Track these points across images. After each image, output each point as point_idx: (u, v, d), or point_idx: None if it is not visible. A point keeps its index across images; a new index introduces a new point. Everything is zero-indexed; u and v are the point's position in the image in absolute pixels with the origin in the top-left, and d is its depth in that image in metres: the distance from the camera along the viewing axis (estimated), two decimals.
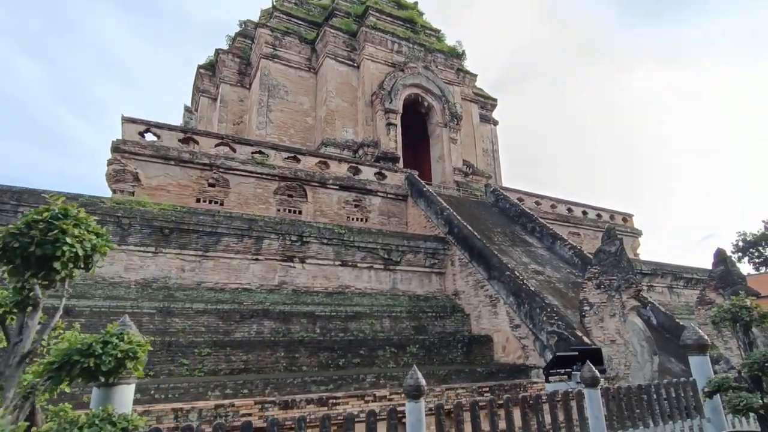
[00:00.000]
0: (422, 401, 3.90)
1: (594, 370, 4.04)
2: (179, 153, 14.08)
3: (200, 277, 11.16)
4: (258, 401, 5.54)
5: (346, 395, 6.08)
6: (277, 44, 24.14)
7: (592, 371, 4.01)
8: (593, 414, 3.85)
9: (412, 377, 3.99)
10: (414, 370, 4.09)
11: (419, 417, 3.83)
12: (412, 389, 3.94)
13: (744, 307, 3.95)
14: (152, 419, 4.74)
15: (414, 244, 14.25)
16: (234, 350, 9.08)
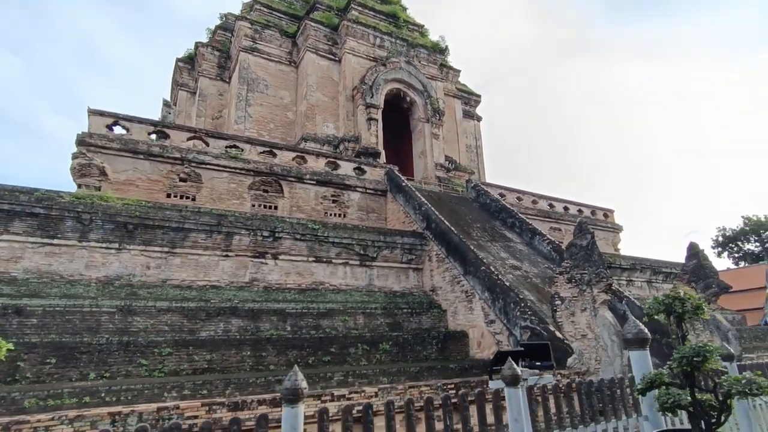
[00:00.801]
0: (300, 406, 3.50)
1: (515, 368, 3.84)
2: (149, 147, 13.67)
3: (166, 275, 10.82)
4: (206, 403, 5.30)
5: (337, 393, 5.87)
6: (257, 37, 23.69)
7: (513, 369, 3.82)
8: (512, 416, 3.65)
9: (291, 379, 3.53)
10: (294, 370, 3.65)
11: (295, 425, 3.38)
12: (289, 392, 3.48)
13: (677, 298, 3.80)
14: (85, 425, 4.46)
15: (391, 239, 14.05)
16: (197, 349, 8.80)
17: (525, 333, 10.25)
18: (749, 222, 45.58)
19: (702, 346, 3.46)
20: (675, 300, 3.80)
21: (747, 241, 46.42)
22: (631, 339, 4.29)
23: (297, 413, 3.52)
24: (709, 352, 3.44)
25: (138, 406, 5.07)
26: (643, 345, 4.29)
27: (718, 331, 11.05)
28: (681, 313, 3.80)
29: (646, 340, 4.32)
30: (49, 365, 7.36)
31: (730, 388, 3.35)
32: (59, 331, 8.22)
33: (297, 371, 3.66)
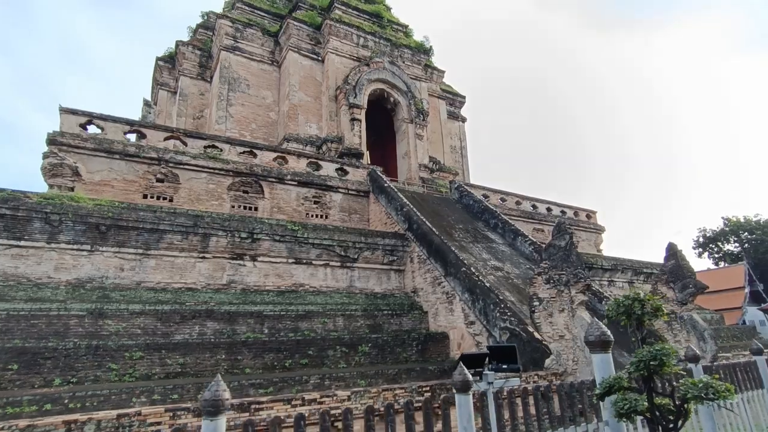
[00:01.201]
0: (221, 419, 3.24)
1: (465, 373, 3.76)
2: (125, 146, 13.36)
3: (141, 277, 10.57)
4: (170, 408, 5.13)
5: (271, 400, 5.72)
6: (239, 36, 23.41)
7: (463, 375, 3.74)
8: (462, 424, 3.57)
9: (212, 389, 3.27)
10: (216, 380, 3.41)
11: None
12: (209, 404, 3.19)
13: (636, 299, 3.79)
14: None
15: (372, 240, 13.97)
16: (170, 353, 8.59)
17: (504, 334, 10.26)
18: (729, 223, 46.67)
19: (659, 349, 3.44)
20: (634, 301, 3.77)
21: (727, 242, 47.50)
22: (594, 341, 4.25)
23: (216, 427, 3.21)
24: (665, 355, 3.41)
25: (97, 414, 4.88)
26: (606, 348, 4.25)
27: (695, 331, 11.22)
28: (640, 314, 3.77)
29: (609, 342, 4.29)
30: (11, 371, 7.09)
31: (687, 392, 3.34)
32: (23, 336, 7.94)
33: (219, 380, 3.33)
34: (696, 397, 3.26)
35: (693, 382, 3.38)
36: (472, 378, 3.79)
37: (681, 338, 11.31)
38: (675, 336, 11.45)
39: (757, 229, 42.94)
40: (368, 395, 6.27)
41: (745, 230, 43.97)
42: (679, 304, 11.36)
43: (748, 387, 6.03)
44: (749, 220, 44.35)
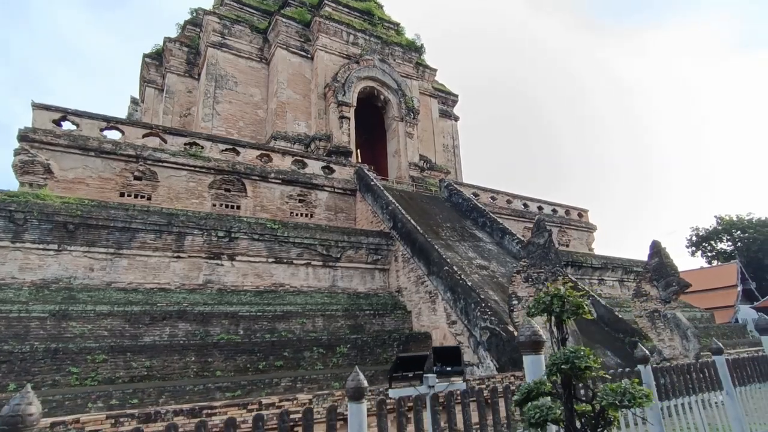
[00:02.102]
0: None
1: (359, 379, 3.44)
2: (100, 143, 13.04)
3: (112, 277, 10.26)
4: (112, 415, 4.84)
5: (225, 404, 5.44)
6: (226, 33, 23.08)
7: (356, 381, 3.43)
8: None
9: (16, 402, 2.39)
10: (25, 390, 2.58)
11: None
12: None
13: (556, 296, 3.50)
14: None
15: (355, 239, 13.69)
16: (136, 356, 8.29)
17: (484, 334, 10.01)
18: (722, 222, 46.55)
19: (572, 351, 3.14)
20: (554, 298, 3.46)
21: (720, 241, 47.38)
22: (524, 342, 3.98)
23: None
24: (578, 358, 3.10)
25: None
26: (537, 349, 3.98)
27: (678, 329, 10.98)
28: (559, 312, 3.45)
29: (540, 343, 4.03)
30: None
31: (602, 399, 3.05)
32: None
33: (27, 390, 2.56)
34: (611, 404, 2.97)
35: (611, 388, 3.09)
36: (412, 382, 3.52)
37: (665, 337, 11.07)
38: (659, 335, 11.22)
39: (749, 227, 42.83)
40: (332, 398, 5.99)
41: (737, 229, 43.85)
42: (663, 302, 11.11)
43: (706, 388, 5.78)
44: (742, 219, 44.24)
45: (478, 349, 10.16)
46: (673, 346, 11.20)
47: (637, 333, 12.09)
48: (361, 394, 3.36)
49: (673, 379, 5.46)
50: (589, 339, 12.20)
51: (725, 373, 5.66)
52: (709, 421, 5.60)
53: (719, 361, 5.75)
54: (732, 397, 5.59)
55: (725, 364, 5.73)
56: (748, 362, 6.35)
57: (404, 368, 3.51)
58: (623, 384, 3.03)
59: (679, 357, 11.17)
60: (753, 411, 6.01)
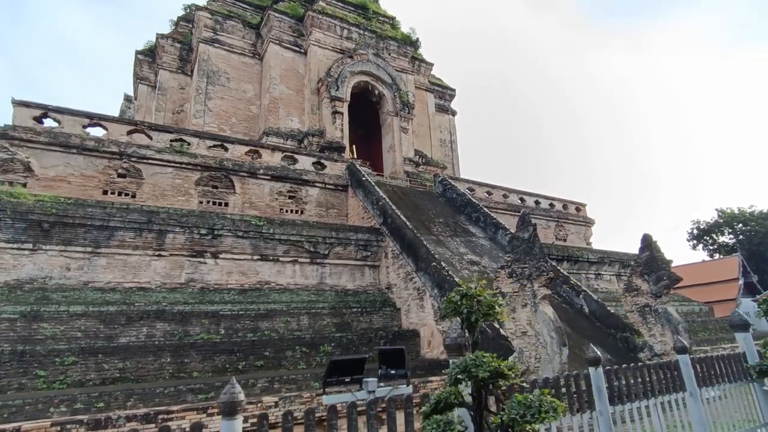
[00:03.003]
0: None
1: (233, 392, 3.11)
2: (82, 140, 12.81)
3: (89, 276, 10.05)
4: (58, 422, 4.61)
5: (182, 408, 5.20)
6: (218, 28, 22.80)
7: (230, 394, 3.08)
8: None
9: None
10: None
11: None
12: None
13: (466, 296, 3.18)
14: None
15: (344, 235, 13.41)
16: (108, 357, 8.07)
17: None
18: (723, 215, 45.86)
19: (473, 358, 2.83)
20: (463, 298, 3.13)
21: (721, 234, 46.71)
22: (450, 345, 3.67)
23: None
24: (478, 365, 2.77)
25: None
26: (462, 353, 3.66)
27: (669, 324, 10.63)
28: (468, 313, 3.11)
29: (462, 347, 3.72)
30: None
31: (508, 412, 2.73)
32: None
33: None
34: (512, 419, 2.65)
35: (519, 400, 2.77)
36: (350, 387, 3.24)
37: (656, 332, 10.73)
38: (650, 330, 10.88)
39: (751, 220, 42.14)
40: (299, 401, 5.73)
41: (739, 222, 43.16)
42: (654, 297, 10.76)
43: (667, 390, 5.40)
44: (743, 212, 43.54)
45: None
46: (664, 342, 10.87)
47: (628, 328, 11.75)
48: (234, 409, 2.88)
49: (629, 382, 5.09)
50: (579, 335, 11.89)
51: (689, 373, 5.31)
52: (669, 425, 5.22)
53: (683, 360, 5.39)
54: (696, 398, 5.22)
55: (689, 363, 5.37)
56: (718, 360, 5.99)
57: (340, 373, 3.20)
58: (531, 396, 2.72)
59: (670, 352, 10.83)
60: (719, 413, 5.63)
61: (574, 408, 4.61)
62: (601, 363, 4.55)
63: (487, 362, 2.77)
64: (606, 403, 4.40)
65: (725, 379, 5.93)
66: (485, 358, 2.79)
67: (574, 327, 12.25)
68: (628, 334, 11.77)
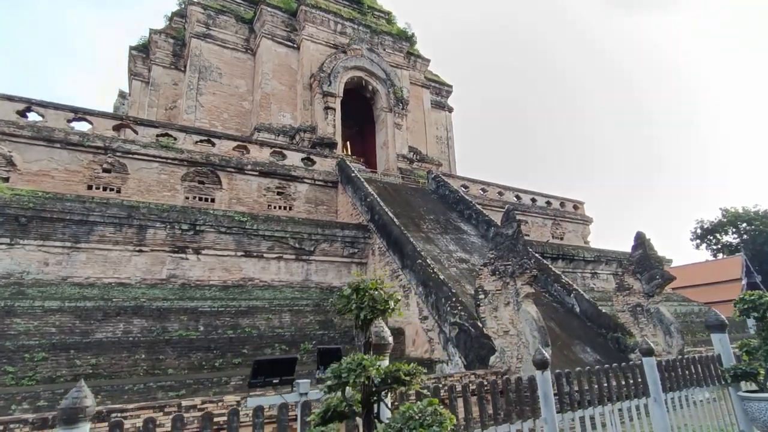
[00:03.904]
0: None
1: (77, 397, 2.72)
2: (66, 135, 12.69)
3: (68, 272, 9.93)
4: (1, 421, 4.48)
5: (138, 407, 5.06)
6: (211, 23, 22.62)
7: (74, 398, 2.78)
8: None
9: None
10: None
11: None
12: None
13: (359, 289, 2.97)
14: None
15: (330, 232, 13.25)
16: (81, 353, 7.95)
17: (453, 329, 9.55)
18: (727, 214, 45.44)
19: (350, 361, 2.61)
20: (356, 292, 2.86)
21: (725, 233, 46.30)
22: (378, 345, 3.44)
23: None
24: (349, 370, 2.51)
25: None
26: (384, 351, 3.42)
27: (661, 324, 10.42)
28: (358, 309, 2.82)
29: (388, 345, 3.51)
30: None
31: (392, 425, 2.49)
32: None
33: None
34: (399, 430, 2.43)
35: (404, 410, 2.55)
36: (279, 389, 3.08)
37: (647, 332, 10.51)
38: (641, 330, 10.67)
39: (755, 220, 41.70)
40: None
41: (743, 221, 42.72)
42: (646, 296, 10.54)
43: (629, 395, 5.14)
44: (748, 211, 43.09)
45: (447, 346, 9.71)
46: (656, 342, 10.64)
47: (620, 328, 11.55)
48: (74, 417, 2.56)
49: (582, 386, 4.85)
50: (569, 335, 11.70)
51: (654, 377, 5.04)
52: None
53: (648, 362, 5.14)
54: (660, 404, 4.97)
55: (655, 366, 5.11)
56: (689, 363, 5.75)
57: (266, 374, 3.00)
58: (415, 407, 2.52)
59: (662, 353, 10.62)
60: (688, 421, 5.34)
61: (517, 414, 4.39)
62: (548, 366, 4.31)
63: (365, 366, 2.56)
64: (552, 410, 4.13)
65: (697, 383, 5.69)
66: (364, 362, 2.58)
67: (565, 327, 12.07)
68: (619, 335, 11.57)
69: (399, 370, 2.70)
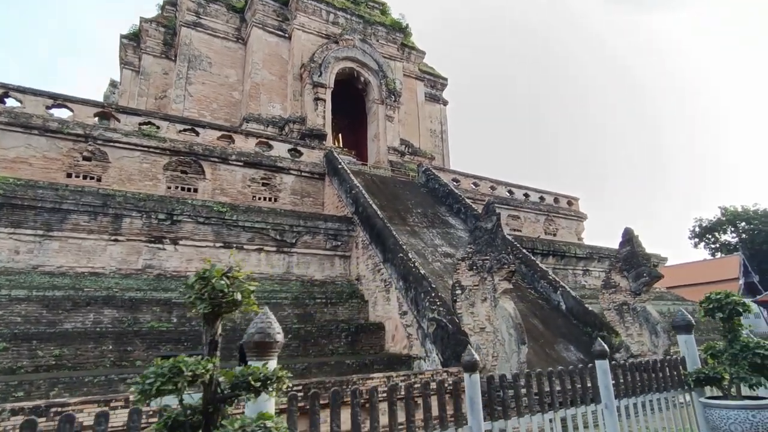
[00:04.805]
0: None
1: None
2: (45, 121, 12.44)
3: (40, 260, 9.73)
4: None
5: (81, 401, 4.87)
6: (201, 12, 22.27)
7: None
8: None
9: None
10: None
11: None
12: None
13: (200, 278, 2.71)
14: None
15: (312, 224, 13.03)
16: (44, 344, 7.77)
17: (431, 325, 9.34)
18: (726, 212, 45.17)
19: (171, 365, 2.34)
20: (197, 281, 2.52)
21: (724, 232, 46.05)
22: (248, 342, 3.08)
23: None
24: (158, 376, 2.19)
25: None
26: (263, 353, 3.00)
27: (647, 324, 10.22)
28: (200, 302, 2.48)
29: (271, 344, 3.07)
30: None
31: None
32: None
33: None
34: None
35: (240, 423, 2.31)
36: None
37: (633, 331, 10.32)
38: (627, 329, 10.47)
39: (755, 219, 41.43)
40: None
41: (742, 220, 42.45)
42: (633, 294, 10.33)
43: (575, 402, 4.85)
44: (747, 210, 42.80)
45: (425, 342, 9.51)
46: (641, 342, 10.46)
47: (606, 327, 11.35)
48: None
49: (518, 391, 4.57)
50: (553, 333, 11.51)
51: (606, 381, 4.76)
52: None
53: (600, 366, 4.88)
54: (611, 411, 4.71)
55: (608, 370, 4.84)
56: (649, 366, 5.49)
57: None
58: (240, 421, 2.27)
59: (648, 353, 10.43)
60: (643, 429, 5.06)
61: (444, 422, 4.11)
62: (478, 369, 4.02)
63: (180, 370, 2.27)
64: (479, 417, 3.82)
65: (658, 388, 5.44)
66: (192, 366, 2.31)
67: (549, 324, 11.88)
68: (604, 333, 11.35)
69: (251, 374, 2.45)
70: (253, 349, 3.03)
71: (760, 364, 5.15)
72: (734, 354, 5.35)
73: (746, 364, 5.25)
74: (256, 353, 3.03)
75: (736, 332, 5.52)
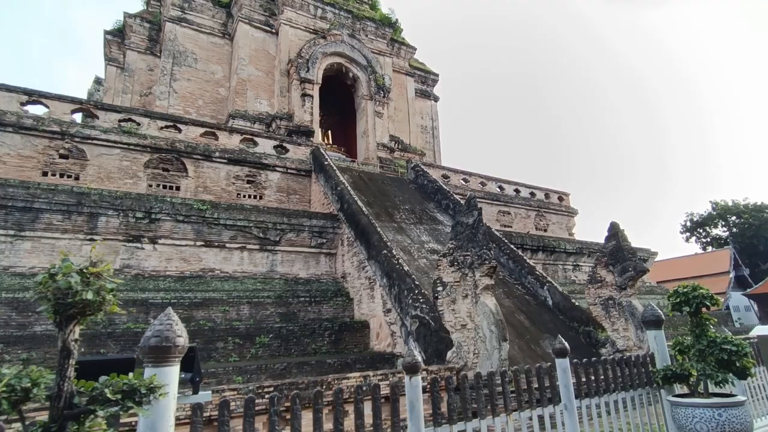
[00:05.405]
0: None
1: None
2: (19, 118, 12.11)
3: (11, 261, 9.45)
4: None
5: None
6: (186, 6, 21.88)
7: None
8: None
9: None
10: None
11: None
12: None
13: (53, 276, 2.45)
14: None
15: (297, 221, 12.80)
16: (11, 347, 7.51)
17: (414, 323, 9.17)
18: (717, 207, 45.37)
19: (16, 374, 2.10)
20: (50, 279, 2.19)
21: (714, 226, 46.26)
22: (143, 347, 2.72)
23: None
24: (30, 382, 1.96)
25: None
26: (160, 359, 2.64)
27: (633, 319, 10.10)
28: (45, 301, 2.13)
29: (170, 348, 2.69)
30: None
31: None
32: None
33: None
34: None
35: None
36: None
37: (619, 326, 10.21)
38: (613, 324, 10.35)
39: (745, 212, 41.64)
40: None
41: (733, 214, 42.65)
42: (618, 289, 10.21)
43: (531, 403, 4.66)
44: (737, 204, 43.01)
45: (408, 340, 9.34)
46: (627, 337, 10.35)
47: (592, 322, 11.23)
48: None
49: (465, 395, 4.38)
50: (539, 328, 11.38)
51: (566, 381, 4.60)
52: None
53: (561, 365, 4.72)
54: (571, 412, 4.54)
55: (568, 369, 4.68)
56: (614, 364, 5.34)
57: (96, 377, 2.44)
58: None
59: (634, 348, 10.32)
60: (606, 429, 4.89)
61: None
62: (418, 370, 3.75)
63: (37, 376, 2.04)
64: (420, 422, 3.57)
65: (624, 386, 5.26)
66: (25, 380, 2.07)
67: (535, 320, 11.74)
68: (590, 328, 11.25)
69: (110, 385, 2.20)
70: (149, 354, 2.73)
71: (727, 360, 5.01)
72: (701, 350, 5.19)
73: (713, 360, 5.11)
74: (152, 360, 2.74)
75: (703, 327, 5.36)
